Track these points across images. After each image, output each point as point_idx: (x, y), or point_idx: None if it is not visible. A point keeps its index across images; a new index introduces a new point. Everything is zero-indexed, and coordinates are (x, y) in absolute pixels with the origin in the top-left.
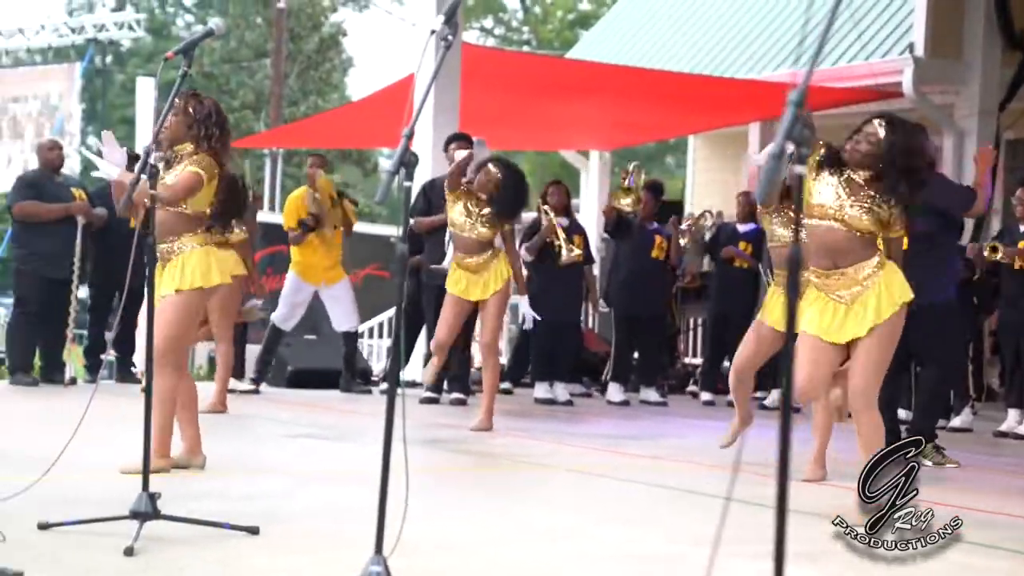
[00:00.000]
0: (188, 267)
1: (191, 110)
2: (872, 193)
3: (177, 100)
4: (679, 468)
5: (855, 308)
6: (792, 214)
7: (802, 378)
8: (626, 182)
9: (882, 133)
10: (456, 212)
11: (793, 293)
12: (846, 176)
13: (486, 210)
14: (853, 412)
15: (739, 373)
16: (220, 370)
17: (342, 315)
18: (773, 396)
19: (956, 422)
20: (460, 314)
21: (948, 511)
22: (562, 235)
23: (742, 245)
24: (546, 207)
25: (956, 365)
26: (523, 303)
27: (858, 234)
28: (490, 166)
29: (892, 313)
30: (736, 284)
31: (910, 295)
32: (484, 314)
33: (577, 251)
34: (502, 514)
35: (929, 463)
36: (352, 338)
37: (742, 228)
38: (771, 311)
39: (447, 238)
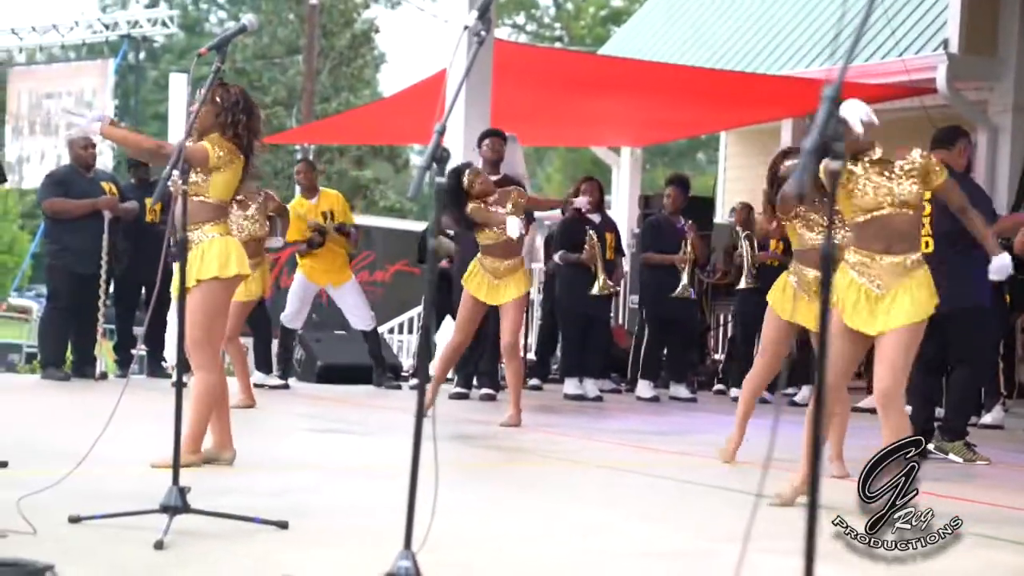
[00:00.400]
0: (207, 257)
1: (218, 99)
2: (895, 164)
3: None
4: (708, 464)
5: (885, 301)
6: (811, 216)
7: (829, 371)
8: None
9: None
10: (489, 233)
11: (826, 291)
12: (864, 165)
13: (507, 207)
14: (882, 412)
15: (763, 383)
16: (236, 366)
17: (354, 315)
18: (803, 392)
19: (987, 419)
20: (478, 316)
21: (978, 508)
22: (601, 270)
23: (772, 244)
24: (592, 232)
25: (988, 365)
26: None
27: (911, 213)
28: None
29: (923, 318)
30: (766, 281)
31: (934, 304)
32: (504, 317)
33: (611, 286)
34: (531, 510)
35: (960, 460)
36: (372, 335)
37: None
38: (782, 303)
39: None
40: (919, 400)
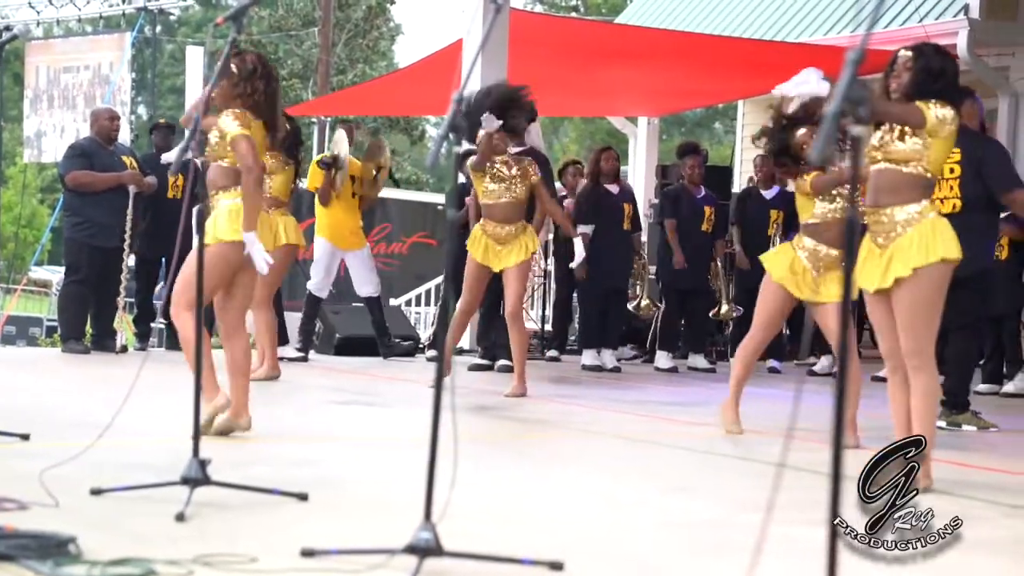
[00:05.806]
0: (220, 219)
1: (235, 69)
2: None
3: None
4: (727, 435)
5: (892, 252)
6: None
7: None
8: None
9: (911, 55)
10: (487, 183)
11: (850, 260)
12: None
13: (514, 169)
14: (911, 372)
15: (758, 354)
16: (266, 336)
17: (364, 279)
18: (823, 363)
19: (1009, 387)
20: (482, 280)
21: (1001, 478)
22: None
23: (772, 214)
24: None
25: (983, 330)
26: (577, 243)
27: (903, 169)
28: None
29: (930, 263)
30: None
31: (955, 253)
32: (507, 285)
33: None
34: (550, 481)
35: (974, 428)
36: (376, 303)
37: (768, 194)
38: (793, 281)
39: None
40: None
